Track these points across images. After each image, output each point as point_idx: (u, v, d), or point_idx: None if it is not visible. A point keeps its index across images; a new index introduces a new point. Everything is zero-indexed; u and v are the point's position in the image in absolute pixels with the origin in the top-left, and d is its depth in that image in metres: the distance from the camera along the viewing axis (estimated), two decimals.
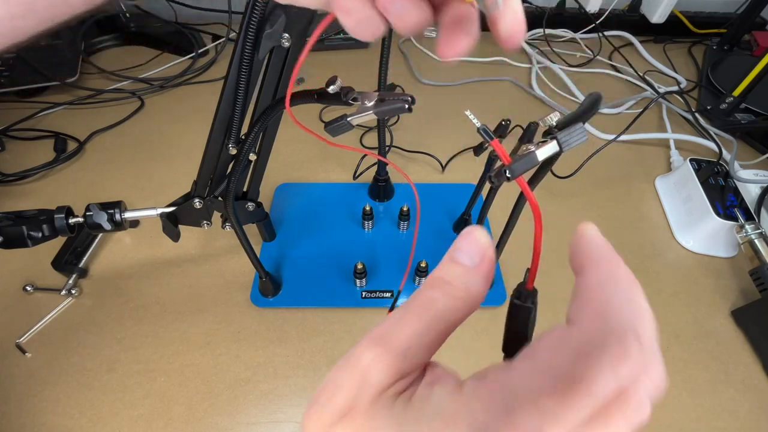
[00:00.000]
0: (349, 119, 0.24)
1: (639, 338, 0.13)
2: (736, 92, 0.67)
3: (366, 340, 0.16)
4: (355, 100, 0.23)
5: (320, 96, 0.26)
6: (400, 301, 0.47)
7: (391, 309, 0.43)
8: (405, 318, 0.16)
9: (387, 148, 0.63)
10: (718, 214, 0.52)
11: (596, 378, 0.12)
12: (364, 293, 0.48)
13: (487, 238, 0.18)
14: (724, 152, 0.62)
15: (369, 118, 0.24)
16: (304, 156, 0.64)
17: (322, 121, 0.67)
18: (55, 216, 0.41)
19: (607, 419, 0.13)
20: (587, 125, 0.65)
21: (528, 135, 0.36)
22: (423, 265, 0.47)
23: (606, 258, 0.17)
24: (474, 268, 0.17)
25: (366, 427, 0.15)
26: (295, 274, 0.49)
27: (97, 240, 0.52)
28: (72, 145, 0.64)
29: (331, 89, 0.24)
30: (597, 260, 0.17)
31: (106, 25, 0.81)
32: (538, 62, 0.83)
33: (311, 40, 0.19)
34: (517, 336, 0.19)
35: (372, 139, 0.66)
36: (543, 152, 0.22)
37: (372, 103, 0.22)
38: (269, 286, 0.46)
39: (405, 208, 0.52)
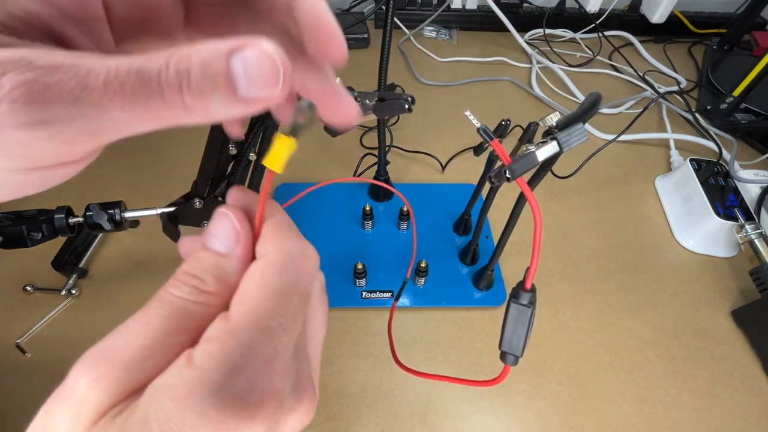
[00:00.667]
0: None
1: (304, 240, 0.16)
2: (736, 92, 0.67)
3: (82, 360, 0.14)
4: (355, 99, 0.22)
5: None
6: (400, 301, 0.48)
7: (392, 308, 0.43)
8: (132, 326, 0.15)
9: (387, 148, 0.63)
10: (718, 214, 0.52)
11: (299, 279, 0.15)
12: (364, 293, 0.48)
13: (243, 218, 0.16)
14: (724, 152, 0.62)
15: (369, 118, 0.24)
16: (304, 156, 0.64)
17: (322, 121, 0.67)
18: (55, 216, 0.41)
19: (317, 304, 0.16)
20: (587, 125, 0.65)
21: (528, 135, 0.36)
22: (423, 265, 0.47)
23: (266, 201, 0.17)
24: (229, 254, 0.16)
25: None
26: None
27: (97, 240, 0.52)
28: None
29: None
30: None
31: None
32: (538, 62, 0.83)
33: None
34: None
35: (372, 139, 0.66)
36: (543, 152, 0.22)
37: (372, 103, 0.22)
38: None
39: (405, 208, 0.52)
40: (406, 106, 0.22)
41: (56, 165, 0.13)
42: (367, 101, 0.22)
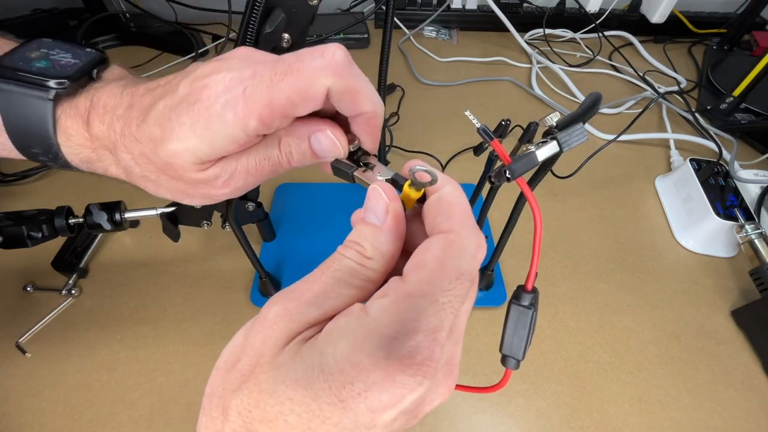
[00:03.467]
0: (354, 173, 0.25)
1: (482, 244, 0.18)
2: (736, 92, 0.67)
3: (274, 297, 0.17)
4: (366, 165, 0.24)
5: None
6: None
7: None
8: (313, 275, 0.18)
9: (387, 148, 0.63)
10: (718, 214, 0.52)
11: (472, 265, 0.17)
12: None
13: (392, 191, 0.19)
14: (724, 152, 0.62)
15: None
16: None
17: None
18: (55, 216, 0.41)
19: (474, 290, 0.17)
20: (587, 125, 0.65)
21: (528, 135, 0.36)
22: None
23: (451, 180, 0.21)
24: (382, 226, 0.19)
25: (270, 381, 0.15)
26: (295, 274, 0.49)
27: (97, 240, 0.52)
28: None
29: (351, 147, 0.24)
30: (448, 181, 0.21)
31: (106, 25, 0.81)
32: (538, 62, 0.83)
33: None
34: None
35: None
36: (543, 152, 0.22)
37: (380, 174, 0.24)
38: (269, 286, 0.46)
39: None
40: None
41: (214, 181, 0.22)
42: (378, 174, 0.24)
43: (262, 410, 0.15)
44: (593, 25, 0.86)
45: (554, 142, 0.22)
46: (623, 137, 0.65)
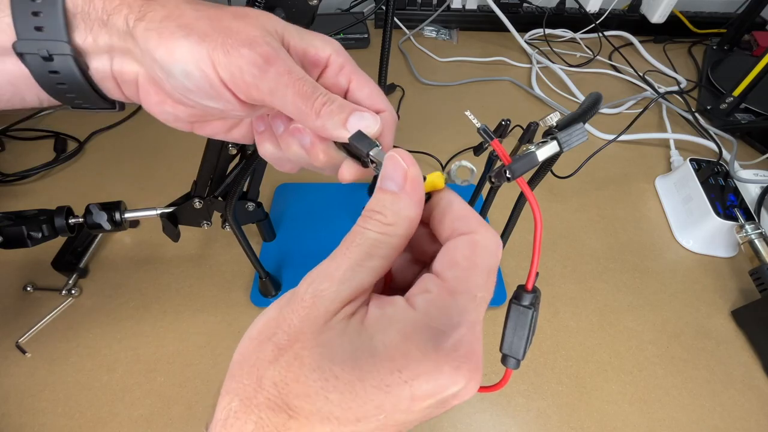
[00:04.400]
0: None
1: (500, 243, 0.19)
2: (736, 92, 0.67)
3: (306, 279, 0.18)
4: (372, 162, 0.23)
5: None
6: None
7: None
8: (339, 252, 0.18)
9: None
10: (718, 214, 0.52)
11: (496, 263, 0.18)
12: None
13: (410, 158, 0.19)
14: (724, 152, 0.62)
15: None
16: None
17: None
18: (55, 216, 0.41)
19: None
20: (587, 125, 0.65)
21: (528, 135, 0.36)
22: None
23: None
24: (401, 192, 0.19)
25: (315, 357, 0.16)
26: (295, 274, 0.49)
27: (97, 240, 0.52)
28: (72, 145, 0.64)
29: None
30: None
31: None
32: (538, 62, 0.83)
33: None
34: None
35: None
36: (543, 152, 0.22)
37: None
38: (269, 286, 0.46)
39: None
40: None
41: (233, 93, 0.21)
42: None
43: (302, 384, 0.15)
44: (593, 25, 0.86)
45: (554, 142, 0.22)
46: (623, 137, 0.65)
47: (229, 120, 0.26)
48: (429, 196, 0.21)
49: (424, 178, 0.21)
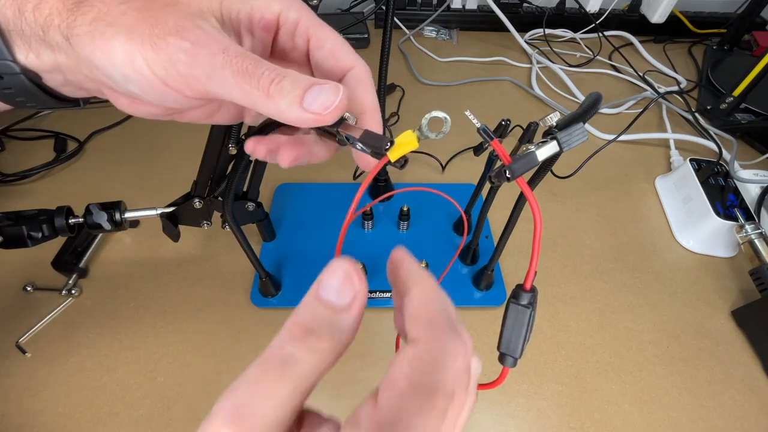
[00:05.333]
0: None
1: (460, 334, 0.15)
2: (736, 92, 0.67)
3: (218, 419, 0.15)
4: (347, 138, 0.23)
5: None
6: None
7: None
8: (264, 384, 0.14)
9: (388, 145, 0.63)
10: (718, 214, 0.52)
11: (446, 379, 0.14)
12: None
13: (360, 275, 0.16)
14: (724, 152, 0.62)
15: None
16: None
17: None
18: (55, 216, 0.41)
19: (460, 403, 0.15)
20: (587, 125, 0.65)
21: (528, 135, 0.36)
22: (423, 265, 0.47)
23: (424, 277, 0.17)
24: (344, 309, 0.16)
25: None
26: (295, 274, 0.49)
27: (97, 240, 0.52)
28: (72, 145, 0.64)
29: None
30: (419, 281, 0.17)
31: None
32: (538, 62, 0.83)
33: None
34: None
35: None
36: (543, 152, 0.22)
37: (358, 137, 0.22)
38: (269, 286, 0.46)
39: (405, 208, 0.52)
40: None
41: (176, 90, 0.19)
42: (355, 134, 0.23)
43: None
44: (593, 25, 0.86)
45: (554, 142, 0.22)
46: (623, 137, 0.65)
47: (206, 107, 0.24)
48: (405, 160, 0.21)
49: (392, 142, 0.20)
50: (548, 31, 0.89)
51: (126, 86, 0.19)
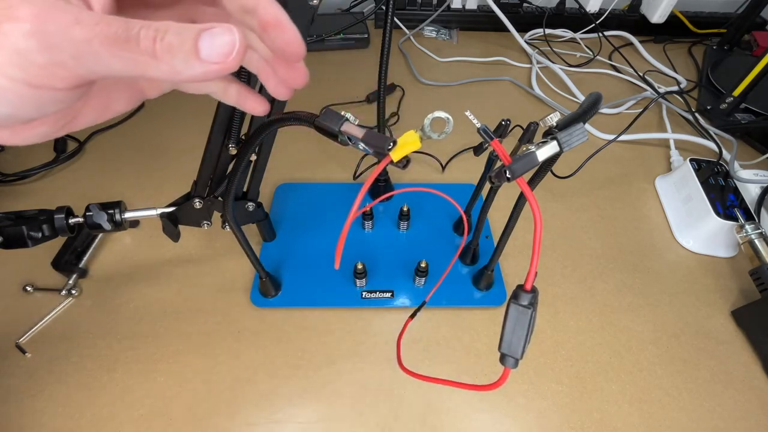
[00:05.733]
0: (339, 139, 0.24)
1: None
2: (736, 92, 0.67)
3: None
4: (349, 139, 0.23)
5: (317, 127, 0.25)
6: (400, 301, 0.48)
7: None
8: None
9: (390, 145, 0.63)
10: (718, 214, 0.52)
11: None
12: (364, 293, 0.48)
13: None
14: (724, 152, 0.62)
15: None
16: (304, 156, 0.64)
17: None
18: (55, 216, 0.41)
19: None
20: (587, 125, 0.65)
21: (528, 135, 0.36)
22: (423, 265, 0.47)
23: None
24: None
25: None
26: (295, 274, 0.49)
27: (97, 240, 0.52)
28: (72, 145, 0.64)
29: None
30: None
31: None
32: (538, 62, 0.83)
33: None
34: None
35: None
36: (543, 152, 0.22)
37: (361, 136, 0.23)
38: (269, 286, 0.46)
39: (405, 208, 0.52)
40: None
41: (47, 87, 0.16)
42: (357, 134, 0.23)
43: None
44: (593, 25, 0.86)
45: (554, 142, 0.22)
46: (623, 137, 0.65)
47: (96, 100, 0.21)
48: (407, 160, 0.21)
49: (395, 142, 0.20)
50: (548, 31, 0.89)
51: None
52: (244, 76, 0.32)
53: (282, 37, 0.18)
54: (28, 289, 0.47)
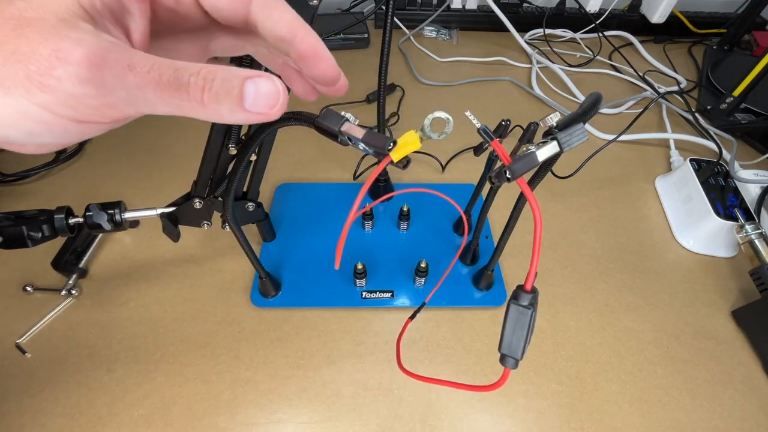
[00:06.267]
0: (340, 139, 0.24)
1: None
2: (736, 92, 0.67)
3: None
4: (349, 139, 0.23)
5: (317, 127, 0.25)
6: (400, 301, 0.48)
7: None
8: None
9: (390, 145, 0.63)
10: (718, 214, 0.52)
11: None
12: (364, 293, 0.48)
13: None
14: (724, 152, 0.62)
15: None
16: (304, 156, 0.64)
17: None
18: (55, 216, 0.41)
19: None
20: (587, 125, 0.65)
21: (528, 135, 0.36)
22: (423, 265, 0.47)
23: None
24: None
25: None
26: (295, 274, 0.49)
27: (97, 240, 0.52)
28: (72, 146, 0.64)
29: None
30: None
31: None
32: (538, 62, 0.82)
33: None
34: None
35: None
36: (543, 153, 0.22)
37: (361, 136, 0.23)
38: (269, 286, 0.46)
39: (405, 208, 0.52)
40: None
41: (94, 123, 0.17)
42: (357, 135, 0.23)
43: None
44: (593, 25, 0.86)
45: (554, 142, 0.22)
46: (623, 137, 0.65)
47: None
48: (408, 160, 0.21)
49: (395, 143, 0.21)
50: (548, 31, 0.89)
51: (34, 140, 0.16)
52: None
53: (320, 67, 0.20)
54: (28, 289, 0.47)
